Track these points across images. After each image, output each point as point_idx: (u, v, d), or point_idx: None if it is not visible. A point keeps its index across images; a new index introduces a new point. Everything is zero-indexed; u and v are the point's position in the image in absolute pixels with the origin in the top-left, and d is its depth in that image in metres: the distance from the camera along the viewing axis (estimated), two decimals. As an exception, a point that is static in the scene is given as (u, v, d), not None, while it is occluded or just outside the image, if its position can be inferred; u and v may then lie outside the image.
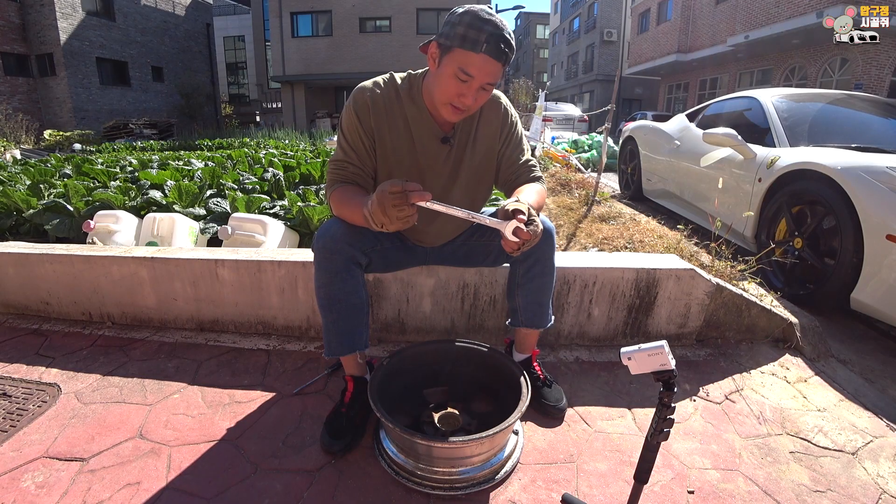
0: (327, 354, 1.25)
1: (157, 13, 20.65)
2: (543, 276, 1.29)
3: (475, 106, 1.09)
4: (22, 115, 14.01)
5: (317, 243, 1.19)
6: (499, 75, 1.05)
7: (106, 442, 1.24)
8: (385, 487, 1.10)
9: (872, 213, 1.82)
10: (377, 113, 1.16)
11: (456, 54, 1.02)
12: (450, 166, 1.25)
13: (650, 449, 0.88)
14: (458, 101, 1.06)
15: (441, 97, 1.08)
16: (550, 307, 1.36)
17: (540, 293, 1.31)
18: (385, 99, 1.17)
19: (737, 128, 2.89)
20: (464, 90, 1.04)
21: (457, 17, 1.02)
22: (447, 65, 1.04)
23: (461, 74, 1.02)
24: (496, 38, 0.99)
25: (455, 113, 1.09)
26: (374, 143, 1.19)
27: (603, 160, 4.21)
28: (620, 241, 2.71)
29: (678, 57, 18.25)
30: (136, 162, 5.54)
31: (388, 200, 0.92)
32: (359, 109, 1.16)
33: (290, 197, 2.83)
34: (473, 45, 0.99)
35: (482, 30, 0.98)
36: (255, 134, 14.65)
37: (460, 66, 1.02)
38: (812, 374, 1.60)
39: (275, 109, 26.08)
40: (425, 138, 1.21)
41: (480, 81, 1.04)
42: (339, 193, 1.16)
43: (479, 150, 1.27)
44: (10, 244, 2.04)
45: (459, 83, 1.04)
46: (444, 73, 1.05)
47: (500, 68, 1.03)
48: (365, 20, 18.29)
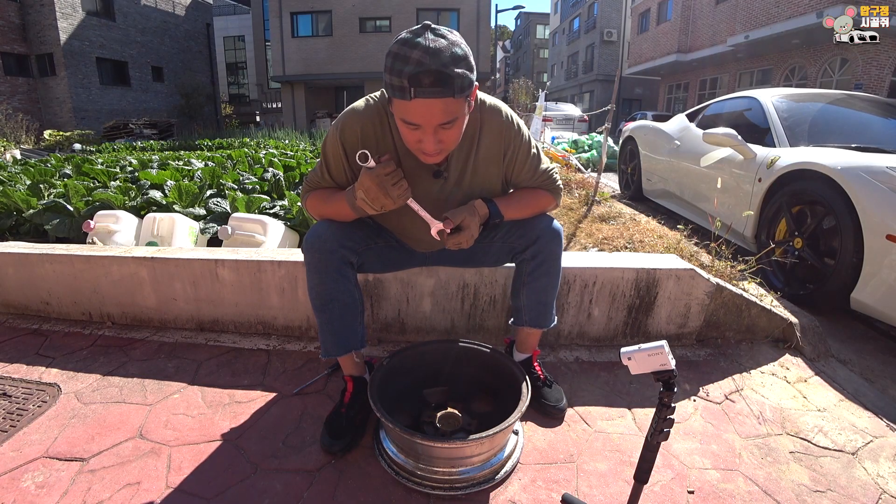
0: (324, 355, 1.25)
1: (157, 13, 20.65)
2: (549, 275, 1.28)
3: (446, 145, 0.98)
4: (22, 115, 14.02)
5: (307, 245, 1.17)
6: (451, 111, 0.90)
7: (106, 442, 1.24)
8: (385, 487, 1.10)
9: (872, 213, 1.82)
10: (366, 145, 1.08)
11: (395, 105, 0.93)
12: (444, 199, 1.19)
13: (650, 449, 0.88)
14: (422, 148, 0.97)
15: (408, 146, 1.01)
16: (554, 308, 1.36)
17: (545, 293, 1.31)
18: (375, 129, 1.09)
19: (737, 128, 2.89)
20: (420, 136, 0.94)
21: (385, 59, 0.89)
22: (395, 115, 0.95)
23: (407, 125, 0.93)
24: (424, 76, 0.84)
25: (428, 158, 1.00)
26: (356, 177, 1.12)
27: (603, 160, 4.21)
28: (620, 241, 2.71)
29: (678, 57, 18.25)
30: (136, 162, 5.54)
31: (387, 182, 0.96)
32: (346, 140, 1.09)
33: (290, 197, 2.83)
34: (402, 93, 0.87)
35: (402, 73, 0.85)
36: (255, 134, 14.65)
37: (401, 116, 0.92)
38: (812, 374, 1.60)
39: (275, 109, 26.08)
40: (416, 171, 1.13)
41: (431, 126, 0.92)
42: (314, 196, 1.18)
43: (479, 178, 1.19)
44: (10, 244, 2.04)
45: (412, 131, 0.94)
46: (398, 123, 0.96)
47: (448, 103, 0.88)
48: (365, 20, 18.30)
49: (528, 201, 1.25)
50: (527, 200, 1.25)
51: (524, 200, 1.24)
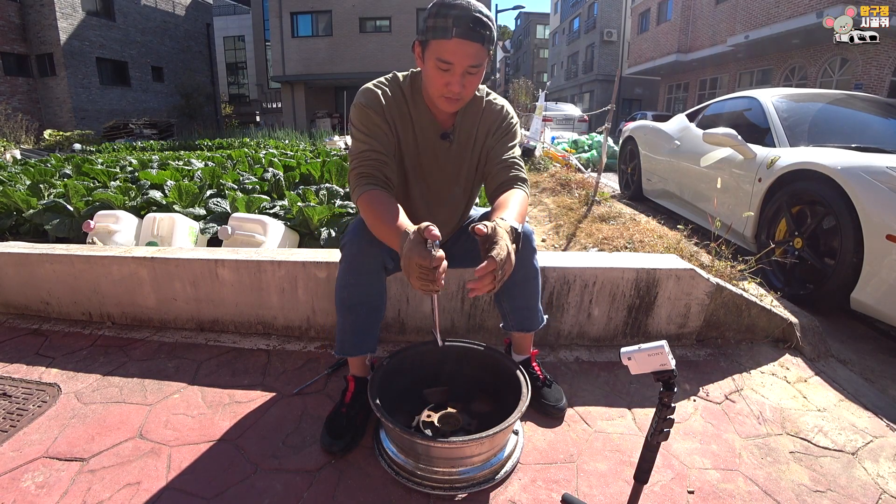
0: (338, 353, 1.27)
1: (157, 13, 20.65)
2: (527, 281, 1.28)
3: (467, 92, 1.09)
4: (22, 115, 14.02)
5: (347, 243, 1.18)
6: (480, 56, 1.04)
7: (106, 442, 1.24)
8: (385, 487, 1.10)
9: (872, 213, 1.82)
10: (388, 109, 1.16)
11: (431, 46, 1.03)
12: (451, 163, 1.26)
13: (650, 449, 0.88)
14: (447, 91, 1.07)
15: (432, 91, 1.10)
16: (540, 308, 1.35)
17: (526, 298, 1.31)
18: (393, 96, 1.17)
19: (737, 128, 2.89)
20: (448, 79, 1.05)
21: (426, 11, 1.04)
22: (428, 58, 1.05)
23: (440, 64, 1.03)
24: (464, 19, 0.99)
25: (450, 103, 1.10)
26: (392, 128, 1.17)
27: (603, 160, 4.22)
28: (620, 241, 2.71)
29: (678, 57, 18.25)
30: (136, 162, 5.54)
31: (414, 272, 0.89)
32: (371, 104, 1.15)
33: (290, 197, 2.83)
34: (444, 32, 1.00)
35: (448, 15, 0.99)
36: (255, 134, 14.65)
37: (437, 56, 1.03)
38: (812, 374, 1.60)
39: (275, 109, 26.09)
40: (428, 135, 1.21)
41: (461, 66, 1.03)
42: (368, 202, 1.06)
43: (477, 149, 1.27)
44: (10, 244, 2.04)
45: (442, 73, 1.04)
46: (427, 67, 1.07)
47: (479, 48, 1.02)
48: (365, 20, 18.30)
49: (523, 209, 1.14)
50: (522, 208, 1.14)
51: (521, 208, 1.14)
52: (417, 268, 0.88)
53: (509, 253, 0.92)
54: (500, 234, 0.93)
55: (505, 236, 0.94)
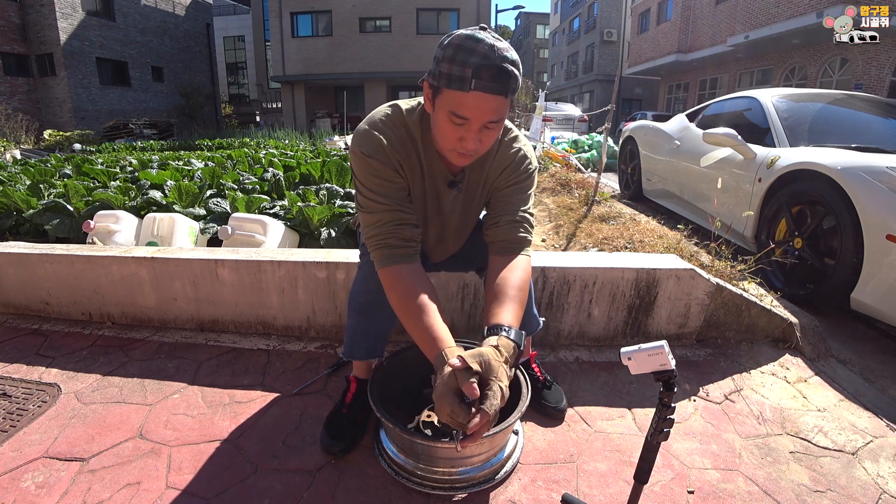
0: (346, 356, 1.26)
1: (157, 13, 20.64)
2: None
3: (483, 148, 0.96)
4: (22, 115, 14.01)
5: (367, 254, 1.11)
6: (502, 110, 0.90)
7: (106, 442, 1.24)
8: (385, 487, 1.10)
9: (872, 213, 1.81)
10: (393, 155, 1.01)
11: (445, 96, 0.88)
12: (457, 211, 1.16)
13: (650, 449, 0.88)
14: (460, 147, 0.94)
15: (442, 143, 0.96)
16: (535, 313, 1.34)
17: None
18: (397, 138, 1.02)
19: (737, 128, 2.89)
20: (462, 134, 0.91)
21: (441, 50, 0.88)
22: (440, 108, 0.91)
23: (455, 119, 0.89)
24: (487, 70, 0.83)
25: (461, 158, 0.97)
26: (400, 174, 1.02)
27: (603, 160, 4.21)
28: (620, 241, 2.71)
29: (678, 57, 18.24)
30: (136, 162, 5.54)
31: (445, 415, 0.85)
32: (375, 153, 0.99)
33: (290, 197, 2.83)
34: (461, 83, 0.84)
35: (467, 63, 0.83)
36: (254, 134, 14.66)
37: (451, 109, 0.88)
38: (812, 374, 1.60)
39: (275, 109, 26.09)
40: (436, 179, 1.09)
41: (479, 122, 0.89)
42: (394, 287, 0.99)
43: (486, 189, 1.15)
44: (10, 244, 2.04)
45: (456, 127, 0.90)
46: (438, 117, 0.92)
47: (502, 102, 0.88)
48: (365, 20, 18.29)
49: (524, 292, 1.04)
50: (524, 293, 1.04)
51: (523, 293, 1.03)
52: (448, 416, 0.85)
53: (503, 396, 0.85)
54: (493, 370, 0.85)
55: (500, 371, 0.86)
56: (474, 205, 1.18)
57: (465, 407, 0.84)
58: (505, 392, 0.86)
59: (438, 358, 0.90)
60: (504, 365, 0.88)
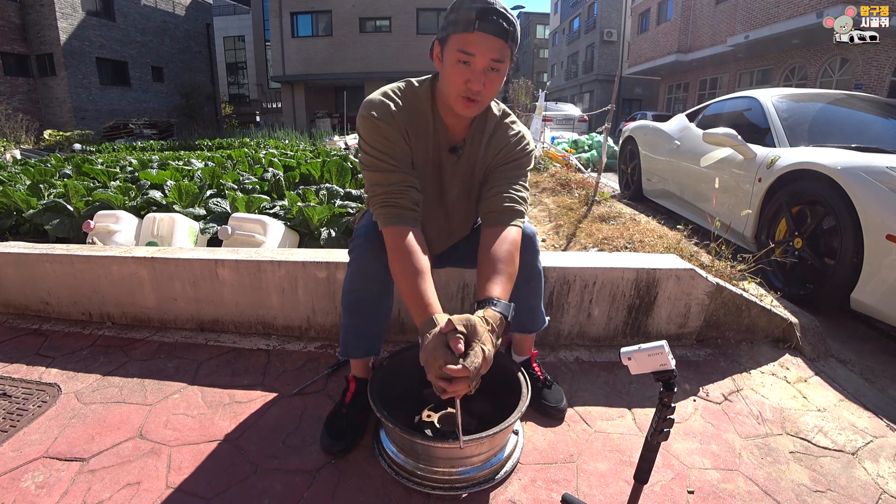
0: (342, 355, 1.26)
1: (157, 13, 20.65)
2: (530, 281, 1.26)
3: (487, 92, 1.03)
4: (22, 115, 14.01)
5: (356, 248, 1.15)
6: (503, 53, 0.99)
7: (106, 442, 1.24)
8: (385, 487, 1.10)
9: (872, 213, 1.82)
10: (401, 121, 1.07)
11: (452, 40, 1.00)
12: (458, 179, 1.20)
13: (650, 449, 0.88)
14: (466, 90, 1.01)
15: (451, 90, 1.03)
16: (542, 310, 1.35)
17: (529, 299, 1.30)
18: (406, 106, 1.09)
19: (737, 128, 2.89)
20: (469, 75, 1.00)
21: (448, 8, 1.02)
22: (448, 54, 1.01)
23: (461, 56, 0.98)
24: (487, 11, 0.96)
25: (469, 105, 1.04)
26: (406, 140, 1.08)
27: (603, 160, 4.21)
28: (620, 241, 2.71)
29: (678, 57, 18.24)
30: (136, 162, 5.54)
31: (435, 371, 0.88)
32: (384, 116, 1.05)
33: (290, 197, 2.83)
34: (466, 25, 0.97)
35: (471, 8, 0.96)
36: (254, 134, 14.66)
37: (458, 47, 0.98)
38: (812, 374, 1.60)
39: (275, 109, 26.10)
40: (440, 146, 1.15)
41: (484, 61, 0.99)
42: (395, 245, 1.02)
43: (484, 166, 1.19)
44: (10, 244, 2.04)
45: (463, 67, 1.00)
46: (447, 63, 1.02)
47: (502, 45, 0.98)
48: (365, 20, 18.30)
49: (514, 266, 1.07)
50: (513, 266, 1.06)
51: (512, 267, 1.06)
52: (439, 369, 0.87)
53: (486, 358, 0.88)
54: (478, 334, 0.89)
55: (485, 336, 0.90)
56: (473, 180, 1.21)
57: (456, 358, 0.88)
58: (488, 355, 0.90)
59: (428, 322, 0.95)
60: (490, 333, 0.92)
